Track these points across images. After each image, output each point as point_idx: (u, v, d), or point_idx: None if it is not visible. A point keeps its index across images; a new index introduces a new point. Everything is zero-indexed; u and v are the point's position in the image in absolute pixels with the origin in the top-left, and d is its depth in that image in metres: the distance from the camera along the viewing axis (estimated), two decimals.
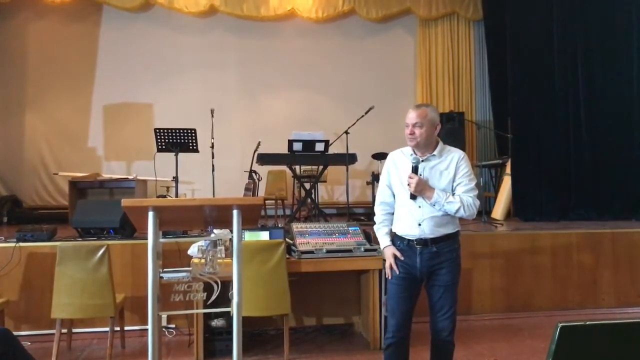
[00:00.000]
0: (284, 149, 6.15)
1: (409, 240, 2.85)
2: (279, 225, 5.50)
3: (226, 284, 2.45)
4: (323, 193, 8.56)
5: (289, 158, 6.16)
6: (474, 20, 9.16)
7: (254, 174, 6.98)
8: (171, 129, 6.07)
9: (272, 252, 3.85)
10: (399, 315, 2.90)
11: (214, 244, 2.47)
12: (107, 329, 3.95)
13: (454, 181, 2.83)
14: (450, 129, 8.20)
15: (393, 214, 2.98)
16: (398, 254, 2.87)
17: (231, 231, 2.46)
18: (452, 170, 2.83)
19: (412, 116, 2.83)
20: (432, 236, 2.81)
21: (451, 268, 2.84)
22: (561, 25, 7.13)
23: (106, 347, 3.88)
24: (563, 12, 7.14)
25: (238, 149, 8.09)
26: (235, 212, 2.40)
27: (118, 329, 4.17)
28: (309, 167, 7.34)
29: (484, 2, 8.79)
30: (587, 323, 1.40)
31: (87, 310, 3.79)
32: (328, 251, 4.08)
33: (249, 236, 4.13)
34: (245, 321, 2.52)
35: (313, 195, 6.72)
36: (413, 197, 2.80)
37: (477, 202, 2.80)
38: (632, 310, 5.24)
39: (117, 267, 4.36)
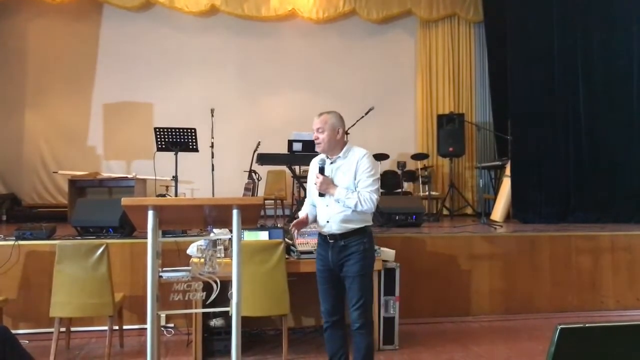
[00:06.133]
0: (283, 149, 6.15)
1: (323, 235, 3.09)
2: (279, 225, 5.49)
3: (225, 284, 2.45)
4: None
5: (289, 158, 6.16)
6: (474, 21, 9.17)
7: (253, 174, 6.98)
8: (171, 128, 6.07)
9: (271, 252, 3.85)
10: (325, 302, 3.12)
11: (214, 243, 2.47)
12: (105, 327, 3.94)
13: (355, 178, 3.00)
14: (450, 131, 8.22)
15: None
16: (300, 219, 3.14)
17: (230, 231, 2.45)
18: (354, 168, 3.02)
19: (314, 122, 3.06)
20: (339, 232, 3.00)
21: (357, 260, 2.99)
22: (561, 27, 7.14)
23: (105, 346, 3.87)
24: (563, 14, 7.15)
25: (238, 149, 8.08)
26: (234, 212, 2.40)
27: (117, 328, 4.16)
28: (308, 167, 7.33)
29: (485, 3, 8.80)
30: (587, 325, 1.40)
31: (85, 309, 3.79)
32: None
33: (248, 236, 4.12)
34: (244, 321, 2.51)
35: None
36: (321, 195, 3.03)
37: (375, 196, 2.97)
38: (631, 313, 5.24)
39: (116, 266, 4.35)
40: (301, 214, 3.22)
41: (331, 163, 3.06)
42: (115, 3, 8.22)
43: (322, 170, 3.04)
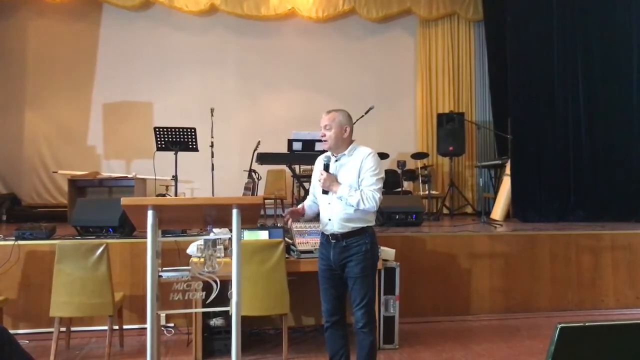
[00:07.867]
0: (283, 149, 6.14)
1: (325, 235, 3.08)
2: (278, 224, 5.49)
3: (225, 283, 2.45)
4: None
5: (289, 157, 6.15)
6: (474, 21, 9.17)
7: (253, 174, 6.97)
8: (171, 128, 6.07)
9: (271, 251, 3.85)
10: (326, 302, 3.11)
11: (213, 243, 2.47)
12: (105, 327, 3.94)
13: (359, 177, 2.99)
14: (450, 130, 8.22)
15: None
16: (296, 208, 3.21)
17: (230, 230, 2.45)
18: (358, 166, 3.01)
19: (322, 119, 3.05)
20: (341, 231, 2.99)
21: (359, 261, 2.99)
22: (561, 26, 7.14)
23: (105, 346, 3.87)
24: (563, 13, 7.15)
25: (237, 148, 8.08)
26: (234, 211, 2.40)
27: (117, 327, 4.16)
28: (308, 167, 7.33)
29: (485, 3, 8.80)
30: (587, 324, 1.40)
31: (85, 308, 3.79)
32: None
33: (248, 235, 4.12)
34: (244, 320, 2.51)
35: None
36: (325, 192, 3.02)
37: (377, 195, 2.96)
38: (631, 312, 5.25)
39: (116, 266, 4.36)
40: (299, 205, 3.24)
41: (336, 161, 3.06)
42: (115, 3, 8.21)
43: (326, 167, 3.03)
